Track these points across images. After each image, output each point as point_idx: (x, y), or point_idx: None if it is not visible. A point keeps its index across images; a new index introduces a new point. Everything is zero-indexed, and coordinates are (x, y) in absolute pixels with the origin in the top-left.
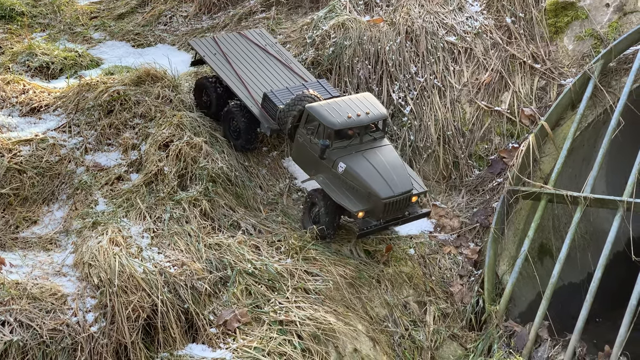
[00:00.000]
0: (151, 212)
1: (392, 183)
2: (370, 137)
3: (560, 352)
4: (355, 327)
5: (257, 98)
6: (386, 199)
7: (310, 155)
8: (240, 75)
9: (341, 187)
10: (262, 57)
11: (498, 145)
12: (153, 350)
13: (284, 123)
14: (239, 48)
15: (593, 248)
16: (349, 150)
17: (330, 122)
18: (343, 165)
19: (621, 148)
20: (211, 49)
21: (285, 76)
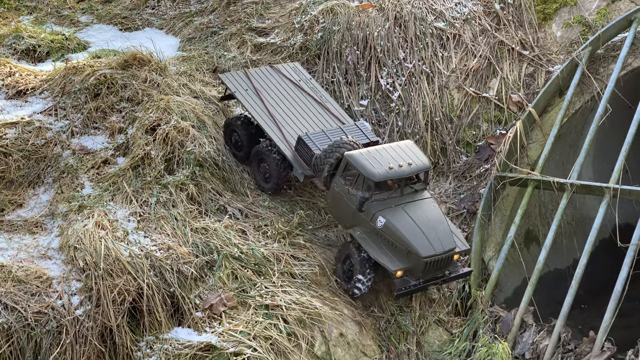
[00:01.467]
0: (137, 195)
1: (434, 241)
2: (411, 190)
3: (545, 338)
4: (342, 312)
5: (290, 140)
6: (427, 258)
7: (347, 207)
8: (273, 114)
9: (379, 243)
10: (296, 95)
11: (486, 132)
12: (138, 333)
13: (320, 170)
14: (271, 84)
15: (579, 235)
16: (389, 203)
17: (371, 173)
18: (382, 220)
19: (608, 135)
20: (242, 84)
21: (321, 117)
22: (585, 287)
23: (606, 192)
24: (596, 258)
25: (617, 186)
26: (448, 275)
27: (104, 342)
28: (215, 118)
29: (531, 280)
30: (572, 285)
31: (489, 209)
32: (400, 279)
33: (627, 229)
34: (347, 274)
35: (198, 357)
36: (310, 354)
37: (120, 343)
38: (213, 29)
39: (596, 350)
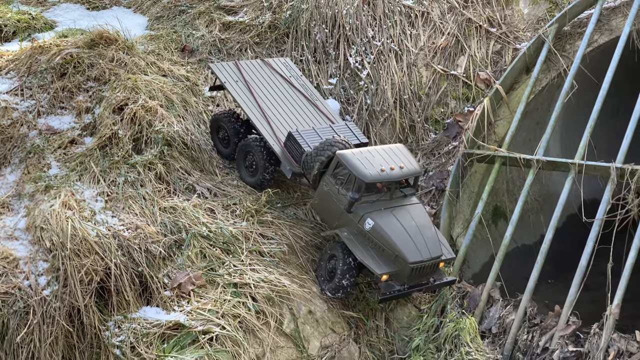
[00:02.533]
0: (105, 175)
1: (422, 247)
2: (400, 194)
3: (511, 312)
4: (310, 289)
5: (279, 136)
6: (414, 264)
7: (335, 206)
8: (263, 108)
9: (366, 245)
10: (286, 90)
11: (454, 109)
12: (107, 313)
13: (310, 168)
14: (262, 77)
15: (546, 211)
16: (378, 205)
17: (362, 174)
18: (371, 222)
19: (575, 111)
20: (233, 75)
21: (311, 115)
22: (552, 263)
23: (571, 167)
24: (563, 233)
25: (582, 162)
26: (432, 282)
27: (71, 322)
28: (184, 96)
29: (498, 255)
30: (538, 260)
31: (457, 185)
32: (385, 283)
33: (593, 204)
34: (330, 273)
35: (166, 336)
36: (279, 332)
37: (88, 323)
38: (181, 7)
39: (561, 324)
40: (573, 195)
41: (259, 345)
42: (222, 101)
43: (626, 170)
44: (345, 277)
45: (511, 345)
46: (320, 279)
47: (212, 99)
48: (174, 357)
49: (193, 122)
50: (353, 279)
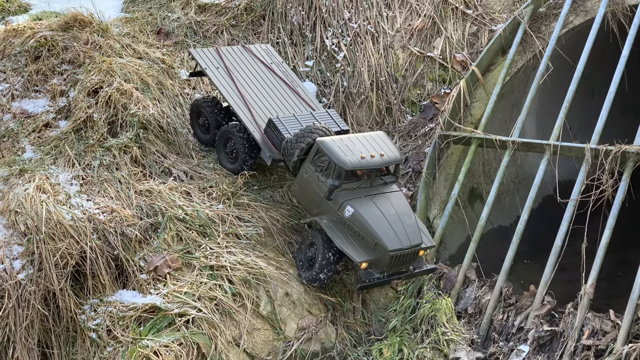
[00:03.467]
0: (80, 159)
1: (402, 235)
2: (381, 181)
3: (487, 293)
4: (287, 272)
5: (260, 122)
6: (394, 252)
7: (315, 194)
8: (244, 94)
9: (346, 233)
10: (267, 77)
11: (430, 91)
12: (82, 296)
13: (290, 155)
14: (242, 64)
15: (522, 192)
16: (358, 193)
17: (343, 161)
18: (351, 210)
19: (551, 93)
20: (214, 61)
21: (292, 101)
22: (528, 243)
23: (547, 149)
24: (538, 215)
25: (558, 143)
26: (412, 270)
27: (47, 306)
28: (160, 79)
29: (474, 236)
30: (513, 241)
31: (433, 167)
32: (364, 271)
33: (568, 185)
34: (310, 261)
35: (143, 319)
36: (256, 314)
37: (64, 306)
38: None
39: (537, 304)
40: (548, 177)
41: (236, 328)
42: (199, 84)
43: (601, 151)
44: (323, 271)
45: (487, 325)
46: (299, 263)
47: (188, 82)
48: (150, 339)
49: (169, 105)
50: (331, 273)
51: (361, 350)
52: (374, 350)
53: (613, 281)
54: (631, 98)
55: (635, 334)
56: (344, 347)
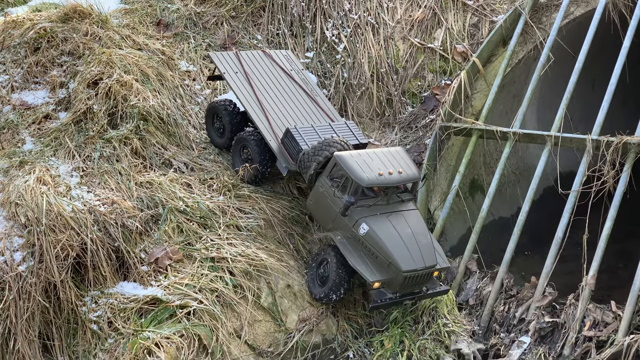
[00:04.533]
0: (80, 150)
1: (416, 255)
2: (397, 199)
3: (488, 284)
4: (288, 263)
5: (277, 131)
6: (408, 272)
7: (330, 209)
8: (262, 101)
9: (359, 251)
10: (287, 84)
11: (431, 82)
12: (83, 288)
13: (306, 167)
14: (262, 70)
15: (523, 183)
16: (374, 210)
17: (360, 178)
18: (366, 227)
19: (552, 84)
20: (233, 66)
21: (311, 111)
22: (529, 235)
23: (548, 140)
24: (539, 206)
25: (559, 134)
26: (425, 291)
27: (48, 298)
28: (160, 70)
29: (475, 228)
30: (514, 232)
31: (434, 159)
32: (376, 291)
33: (569, 177)
34: (322, 278)
35: (144, 311)
36: (257, 306)
37: (65, 298)
38: None
39: (538, 295)
40: (549, 168)
41: (237, 319)
42: (198, 75)
43: (602, 142)
44: (335, 291)
45: (488, 316)
46: (310, 279)
47: (189, 73)
48: (151, 331)
49: (169, 97)
50: (343, 292)
51: (362, 341)
52: (375, 342)
53: (614, 273)
54: (632, 89)
55: (637, 325)
56: (345, 339)
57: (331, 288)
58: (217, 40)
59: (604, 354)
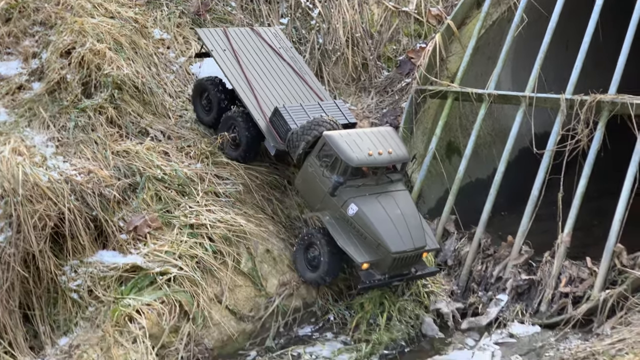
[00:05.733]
0: (55, 121)
1: (405, 237)
2: (387, 179)
3: (466, 245)
4: (267, 229)
5: (265, 110)
6: (397, 254)
7: (319, 189)
8: (250, 80)
9: (348, 232)
10: (275, 63)
11: (406, 46)
12: (62, 258)
13: (295, 147)
14: (250, 47)
15: (498, 145)
16: (363, 190)
17: (349, 158)
18: (355, 208)
19: (525, 46)
20: (221, 43)
21: (299, 90)
22: (505, 196)
23: (522, 100)
24: (515, 167)
25: (533, 94)
26: (414, 272)
27: (27, 268)
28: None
29: (452, 190)
30: (490, 193)
31: (410, 122)
32: (365, 272)
33: (544, 137)
34: (312, 262)
35: (124, 279)
36: (237, 271)
37: (44, 268)
38: None
39: (514, 254)
40: (524, 129)
41: (218, 285)
42: (172, 43)
43: (576, 101)
44: (330, 275)
45: (466, 276)
46: (299, 265)
47: (163, 41)
48: (132, 298)
49: (143, 65)
50: (336, 274)
51: (342, 304)
52: (355, 304)
53: (589, 230)
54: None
55: (612, 281)
56: (325, 302)
57: (326, 272)
58: (191, 7)
59: (580, 309)
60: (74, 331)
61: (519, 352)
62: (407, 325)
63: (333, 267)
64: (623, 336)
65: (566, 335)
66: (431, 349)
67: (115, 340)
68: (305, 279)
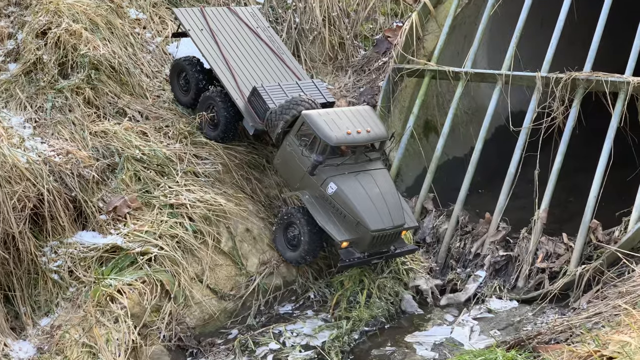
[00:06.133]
0: (32, 101)
1: (384, 215)
2: (365, 158)
3: (444, 222)
4: (246, 208)
5: (243, 90)
6: (376, 232)
7: (298, 168)
8: (228, 60)
9: (327, 210)
10: (253, 42)
11: (383, 25)
12: (42, 239)
13: (273, 126)
14: (228, 27)
15: (475, 123)
16: (342, 169)
17: (328, 137)
18: (334, 187)
19: (501, 25)
20: (198, 23)
21: (277, 70)
22: (482, 174)
23: (499, 78)
24: (493, 146)
25: (509, 72)
26: (393, 250)
27: (7, 249)
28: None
29: (430, 168)
30: (468, 171)
31: (388, 101)
32: (345, 250)
33: (520, 116)
34: (292, 241)
35: (104, 259)
36: (217, 250)
37: (24, 249)
38: None
39: (492, 230)
40: (501, 108)
41: (198, 264)
42: (149, 23)
43: (551, 79)
44: (310, 255)
45: (445, 253)
46: (279, 244)
47: (138, 21)
48: (113, 278)
49: (120, 45)
50: (317, 253)
51: (322, 282)
52: (335, 282)
53: (565, 207)
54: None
55: (588, 256)
56: (305, 280)
57: (307, 252)
58: None
59: (557, 284)
60: (55, 312)
61: (497, 326)
62: (387, 302)
63: (314, 247)
64: (599, 310)
65: (543, 309)
66: (411, 325)
67: (97, 320)
68: (286, 259)
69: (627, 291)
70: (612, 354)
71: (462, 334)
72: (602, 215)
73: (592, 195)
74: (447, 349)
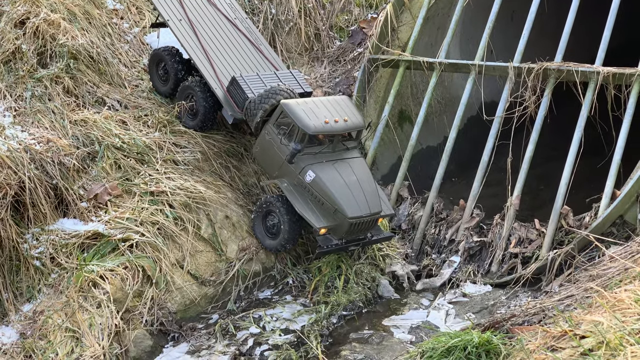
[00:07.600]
0: (11, 90)
1: (362, 202)
2: (343, 147)
3: (419, 209)
4: (225, 195)
5: (222, 79)
6: (353, 219)
7: (276, 156)
8: (206, 50)
9: (306, 198)
10: (231, 33)
11: (358, 16)
12: (24, 226)
13: (252, 115)
14: (206, 17)
15: (449, 113)
16: (320, 157)
17: (306, 125)
18: (312, 175)
19: (473, 17)
20: (177, 13)
21: (255, 60)
22: (456, 162)
23: (472, 68)
24: (466, 135)
25: (482, 62)
26: (370, 237)
27: None
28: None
29: (405, 156)
30: (442, 159)
31: (363, 91)
32: (323, 237)
33: (492, 106)
34: (271, 230)
35: (86, 246)
36: (198, 237)
37: (6, 236)
38: None
39: (466, 217)
40: (474, 98)
41: (179, 250)
42: (126, 14)
43: (523, 69)
44: (290, 242)
45: (420, 239)
46: (258, 233)
47: (116, 11)
48: (95, 264)
49: (98, 35)
50: (296, 240)
51: (300, 268)
52: (313, 268)
53: (536, 194)
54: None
55: (559, 241)
56: (284, 266)
57: (287, 240)
58: None
59: (529, 269)
60: (38, 297)
61: (472, 310)
62: (364, 287)
63: (293, 235)
64: (570, 293)
65: (516, 293)
66: (388, 310)
67: (79, 305)
68: (265, 246)
69: (598, 274)
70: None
71: (438, 318)
72: (572, 201)
73: (563, 182)
74: (423, 332)
